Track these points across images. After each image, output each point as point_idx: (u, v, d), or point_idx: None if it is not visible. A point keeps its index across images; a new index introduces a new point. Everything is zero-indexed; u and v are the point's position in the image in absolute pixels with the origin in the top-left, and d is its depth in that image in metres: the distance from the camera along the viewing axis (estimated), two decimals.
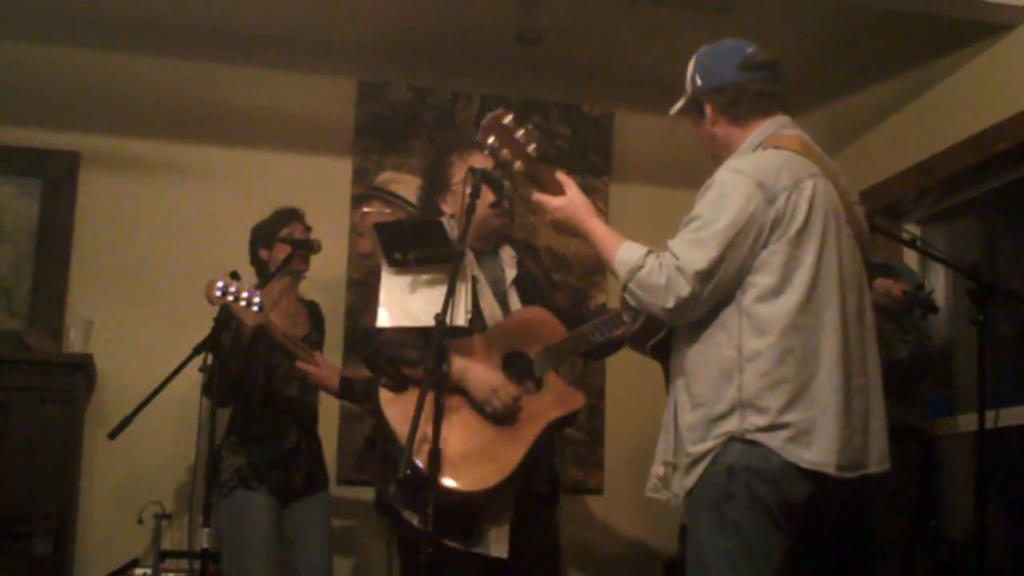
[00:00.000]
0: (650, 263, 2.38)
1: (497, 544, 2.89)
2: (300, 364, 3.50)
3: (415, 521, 2.88)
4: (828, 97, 4.77)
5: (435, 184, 3.15)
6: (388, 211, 3.67)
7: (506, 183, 3.05)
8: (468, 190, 2.81)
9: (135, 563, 3.89)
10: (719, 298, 2.35)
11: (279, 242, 3.75)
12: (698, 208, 2.39)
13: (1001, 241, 4.13)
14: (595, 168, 4.88)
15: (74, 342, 4.09)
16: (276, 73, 4.62)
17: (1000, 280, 3.72)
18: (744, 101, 2.51)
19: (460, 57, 4.74)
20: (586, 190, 4.73)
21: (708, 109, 2.54)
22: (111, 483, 4.18)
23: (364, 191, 3.94)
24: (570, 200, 2.60)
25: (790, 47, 4.65)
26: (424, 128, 4.68)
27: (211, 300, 3.30)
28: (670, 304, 2.33)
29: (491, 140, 2.66)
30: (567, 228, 2.60)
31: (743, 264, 2.33)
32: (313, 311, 3.91)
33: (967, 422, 3.77)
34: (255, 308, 3.32)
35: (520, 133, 2.68)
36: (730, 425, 2.30)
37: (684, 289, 2.31)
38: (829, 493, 2.35)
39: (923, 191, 4.19)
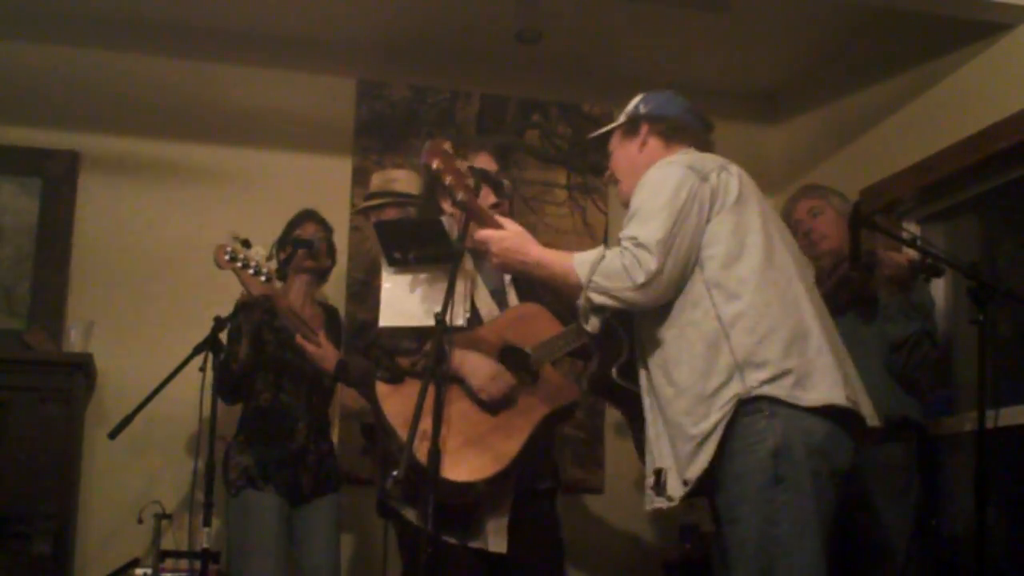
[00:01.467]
0: (609, 253, 2.44)
1: (496, 538, 2.89)
2: (299, 339, 3.48)
3: (412, 518, 2.89)
4: (828, 97, 4.77)
5: (437, 182, 3.15)
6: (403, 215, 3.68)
7: (506, 183, 3.05)
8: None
9: (135, 563, 3.88)
10: (680, 276, 2.41)
11: (289, 243, 3.77)
12: (635, 201, 2.49)
13: (1001, 241, 4.12)
14: (595, 168, 4.87)
15: (74, 342, 4.09)
16: (276, 73, 4.62)
17: (1000, 280, 3.72)
18: (681, 130, 2.70)
19: (460, 57, 4.74)
20: (586, 190, 4.82)
21: (644, 129, 2.70)
22: (111, 483, 4.18)
23: (375, 202, 3.88)
24: (515, 231, 2.63)
25: (790, 47, 4.65)
26: (424, 127, 4.67)
27: (219, 264, 3.31)
28: (640, 279, 2.37)
29: (436, 164, 2.64)
30: (515, 257, 2.60)
31: (694, 238, 2.42)
32: (330, 315, 3.90)
33: (967, 422, 3.76)
34: (262, 278, 3.32)
35: (461, 163, 2.69)
36: (733, 390, 2.33)
37: (651, 262, 2.37)
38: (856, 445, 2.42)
39: (923, 191, 4.19)
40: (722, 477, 2.36)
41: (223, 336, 3.51)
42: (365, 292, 3.81)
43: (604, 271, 2.42)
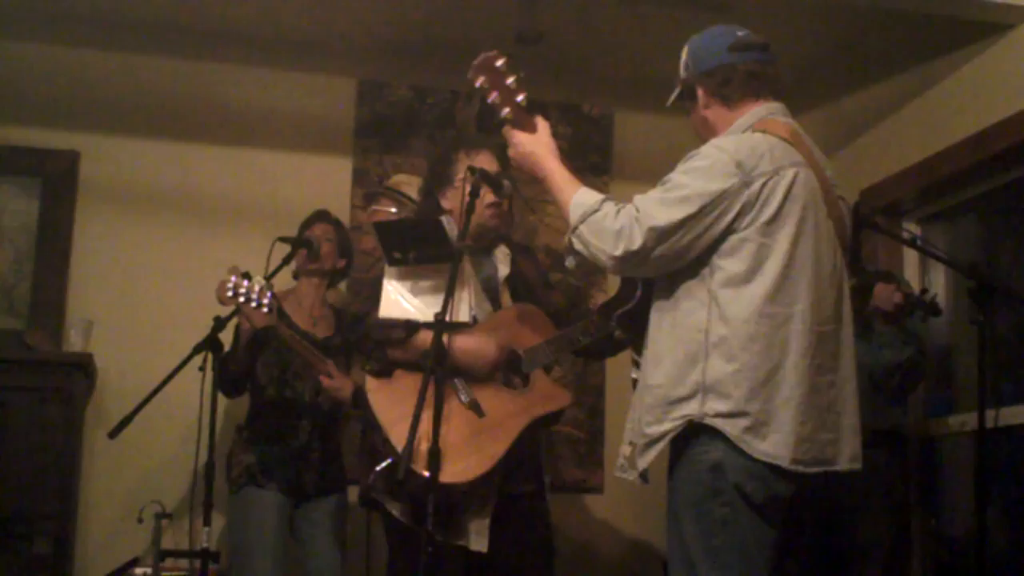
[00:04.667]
0: (607, 208, 2.37)
1: (477, 538, 2.89)
2: (324, 379, 3.50)
3: (395, 512, 2.90)
4: (828, 97, 4.77)
5: (437, 179, 3.16)
6: (394, 210, 3.68)
7: (505, 182, 3.05)
8: (468, 189, 2.81)
9: (135, 563, 3.88)
10: (670, 266, 2.33)
11: (294, 243, 3.77)
12: (674, 173, 2.39)
13: (1001, 241, 4.13)
14: (595, 168, 4.88)
15: (74, 342, 4.09)
16: (276, 73, 4.62)
17: (1000, 280, 3.72)
18: (734, 82, 2.50)
19: (460, 57, 4.68)
20: None
21: (700, 93, 2.54)
22: (111, 483, 4.18)
23: (376, 189, 3.90)
24: (537, 139, 2.58)
25: (790, 47, 4.65)
26: (424, 128, 4.68)
27: (222, 301, 3.34)
28: (618, 252, 2.31)
29: (481, 81, 2.57)
30: (528, 164, 2.58)
31: (702, 237, 2.30)
32: (340, 319, 3.86)
33: (967, 422, 3.77)
34: (264, 309, 3.34)
35: (511, 80, 2.56)
36: (690, 408, 2.27)
37: (636, 241, 2.29)
38: (808, 487, 2.32)
39: (923, 191, 4.19)
40: (671, 483, 2.34)
41: (223, 336, 3.51)
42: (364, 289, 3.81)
43: (592, 224, 2.37)
